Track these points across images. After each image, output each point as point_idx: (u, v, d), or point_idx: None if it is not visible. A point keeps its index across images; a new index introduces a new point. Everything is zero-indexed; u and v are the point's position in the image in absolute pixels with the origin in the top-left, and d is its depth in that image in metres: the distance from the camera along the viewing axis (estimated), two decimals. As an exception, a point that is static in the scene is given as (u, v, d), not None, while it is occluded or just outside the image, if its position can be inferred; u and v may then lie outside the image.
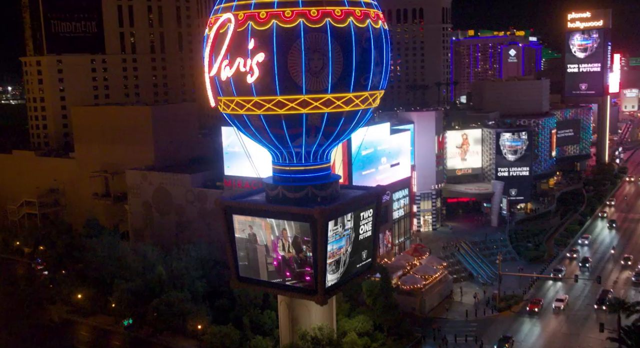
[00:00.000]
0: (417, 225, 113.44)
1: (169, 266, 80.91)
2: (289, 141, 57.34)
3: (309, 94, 53.66)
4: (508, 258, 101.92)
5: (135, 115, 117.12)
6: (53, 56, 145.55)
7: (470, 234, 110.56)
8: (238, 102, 55.89)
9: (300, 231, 57.78)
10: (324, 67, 53.16)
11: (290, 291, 60.68)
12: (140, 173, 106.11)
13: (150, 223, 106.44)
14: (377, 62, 56.68)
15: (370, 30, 55.36)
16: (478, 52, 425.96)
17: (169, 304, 73.33)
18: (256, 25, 53.15)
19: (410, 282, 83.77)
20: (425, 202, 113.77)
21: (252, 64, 52.96)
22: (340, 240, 60.01)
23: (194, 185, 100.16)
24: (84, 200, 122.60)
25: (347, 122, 57.43)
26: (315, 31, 52.53)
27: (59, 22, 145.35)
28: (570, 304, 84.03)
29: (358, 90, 55.55)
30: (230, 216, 61.44)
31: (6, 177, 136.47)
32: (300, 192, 59.56)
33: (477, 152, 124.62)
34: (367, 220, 63.55)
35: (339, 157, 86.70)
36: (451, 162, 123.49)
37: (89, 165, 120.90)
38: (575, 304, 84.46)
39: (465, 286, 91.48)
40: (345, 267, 61.32)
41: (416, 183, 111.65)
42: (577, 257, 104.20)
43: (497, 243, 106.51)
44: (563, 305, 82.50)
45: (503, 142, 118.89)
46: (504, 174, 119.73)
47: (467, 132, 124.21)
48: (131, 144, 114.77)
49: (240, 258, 62.35)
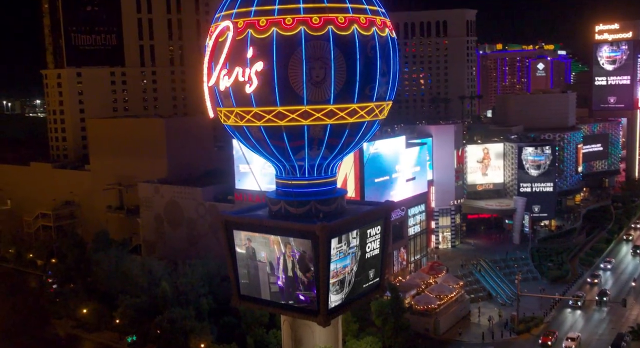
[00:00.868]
0: (435, 241, 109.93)
1: (174, 282, 78.84)
2: (291, 154, 54.93)
3: (310, 104, 51.25)
4: (529, 277, 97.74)
5: (149, 128, 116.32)
6: (73, 69, 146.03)
7: (490, 252, 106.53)
8: (238, 113, 53.83)
9: (305, 248, 55.11)
10: (325, 76, 50.70)
11: (291, 311, 57.97)
12: (152, 186, 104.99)
13: (162, 237, 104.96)
14: (384, 72, 54.04)
15: (376, 38, 52.82)
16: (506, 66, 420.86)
17: (172, 321, 71.17)
18: (256, 33, 51.08)
19: (424, 302, 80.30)
20: (444, 218, 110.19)
21: (251, 73, 50.84)
22: (345, 258, 57.17)
23: (205, 198, 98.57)
24: (99, 213, 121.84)
25: (351, 134, 54.80)
26: (316, 39, 50.16)
27: (79, 35, 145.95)
28: (583, 345, 75.57)
29: (363, 101, 52.94)
30: (231, 231, 59.12)
31: (24, 188, 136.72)
32: (303, 207, 56.97)
33: (499, 166, 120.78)
34: (374, 238, 60.60)
35: (350, 171, 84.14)
36: (472, 177, 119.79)
37: (103, 177, 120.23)
38: (589, 344, 76.21)
39: (483, 306, 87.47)
40: (350, 287, 58.38)
41: (434, 199, 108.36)
42: (599, 282, 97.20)
43: (518, 261, 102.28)
44: (574, 346, 73.81)
45: (525, 156, 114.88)
46: (526, 189, 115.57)
47: (488, 146, 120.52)
48: (145, 157, 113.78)
49: (241, 276, 59.97)
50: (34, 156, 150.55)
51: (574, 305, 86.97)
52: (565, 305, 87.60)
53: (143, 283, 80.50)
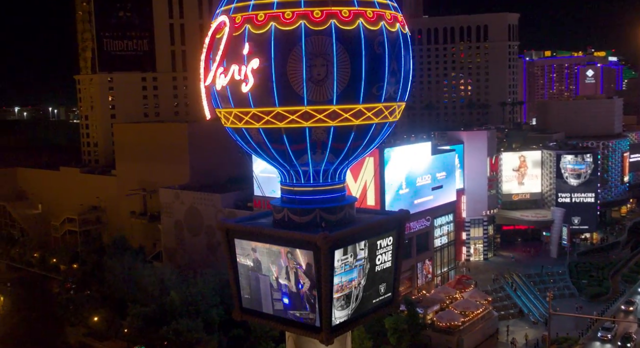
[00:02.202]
0: (466, 253, 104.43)
1: (184, 291, 75.94)
2: (294, 158, 51.08)
3: (311, 105, 47.29)
4: (566, 294, 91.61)
5: (171, 133, 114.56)
6: (105, 74, 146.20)
7: (525, 265, 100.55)
8: (236, 114, 50.37)
9: (310, 260, 51.13)
10: (327, 74, 46.69)
11: (293, 327, 53.97)
12: (172, 192, 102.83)
13: (182, 244, 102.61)
14: (394, 71, 49.55)
15: (385, 33, 48.54)
16: (553, 72, 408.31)
17: (177, 333, 68.21)
18: (253, 29, 47.53)
19: (447, 318, 75.21)
20: (476, 228, 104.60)
21: (247, 71, 47.45)
22: (351, 271, 52.87)
23: (225, 205, 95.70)
24: (124, 218, 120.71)
25: (358, 138, 50.48)
26: (317, 34, 46.22)
27: (111, 40, 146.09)
28: None
29: (369, 102, 48.61)
30: (232, 240, 55.75)
31: (53, 193, 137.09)
32: (307, 216, 52.84)
33: (537, 175, 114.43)
34: (385, 249, 56.04)
35: (371, 179, 79.93)
36: (507, 186, 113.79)
37: (128, 182, 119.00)
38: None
39: (513, 324, 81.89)
40: (358, 302, 53.96)
41: (465, 209, 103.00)
42: (635, 310, 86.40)
43: (554, 276, 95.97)
44: None
45: (564, 164, 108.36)
46: (565, 199, 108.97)
47: (525, 154, 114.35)
48: (168, 162, 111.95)
49: (242, 288, 56.41)
50: (68, 161, 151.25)
51: (603, 338, 77.14)
52: (594, 337, 78.02)
53: (154, 292, 78.08)
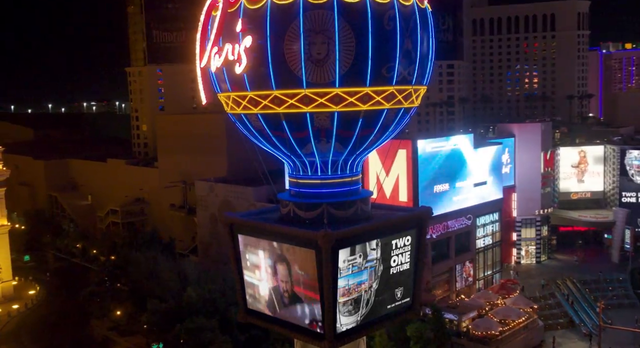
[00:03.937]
0: (516, 256, 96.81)
1: (204, 288, 72.70)
2: (297, 147, 46.23)
3: (311, 87, 42.23)
4: (626, 304, 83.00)
5: (210, 124, 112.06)
6: (154, 66, 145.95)
7: (581, 270, 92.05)
8: (234, 98, 45.92)
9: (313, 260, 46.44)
10: (329, 53, 41.43)
11: (296, 332, 49.41)
12: (207, 185, 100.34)
13: (216, 238, 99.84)
14: (407, 50, 43.71)
15: (396, 7, 42.91)
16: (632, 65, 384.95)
17: (189, 332, 64.96)
18: (249, 4, 43.02)
19: (484, 327, 68.64)
20: (528, 229, 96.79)
21: (240, 50, 43.15)
22: (361, 273, 47.58)
23: (257, 198, 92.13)
24: (164, 211, 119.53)
25: (368, 125, 44.91)
26: (318, 8, 41.04)
27: (160, 32, 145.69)
28: None
29: (378, 84, 42.93)
30: (236, 236, 51.75)
31: (101, 185, 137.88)
32: (313, 211, 47.79)
33: (599, 172, 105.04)
34: (403, 250, 50.36)
35: (403, 174, 74.23)
36: (565, 183, 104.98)
37: (170, 174, 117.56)
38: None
39: (561, 336, 74.39)
40: (369, 308, 48.77)
41: (516, 207, 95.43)
42: None
43: (613, 284, 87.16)
44: None
45: (629, 161, 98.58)
46: (630, 199, 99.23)
47: (585, 149, 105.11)
48: (207, 154, 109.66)
49: (247, 288, 52.32)
50: (118, 153, 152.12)
51: None
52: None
53: (174, 288, 75.28)
